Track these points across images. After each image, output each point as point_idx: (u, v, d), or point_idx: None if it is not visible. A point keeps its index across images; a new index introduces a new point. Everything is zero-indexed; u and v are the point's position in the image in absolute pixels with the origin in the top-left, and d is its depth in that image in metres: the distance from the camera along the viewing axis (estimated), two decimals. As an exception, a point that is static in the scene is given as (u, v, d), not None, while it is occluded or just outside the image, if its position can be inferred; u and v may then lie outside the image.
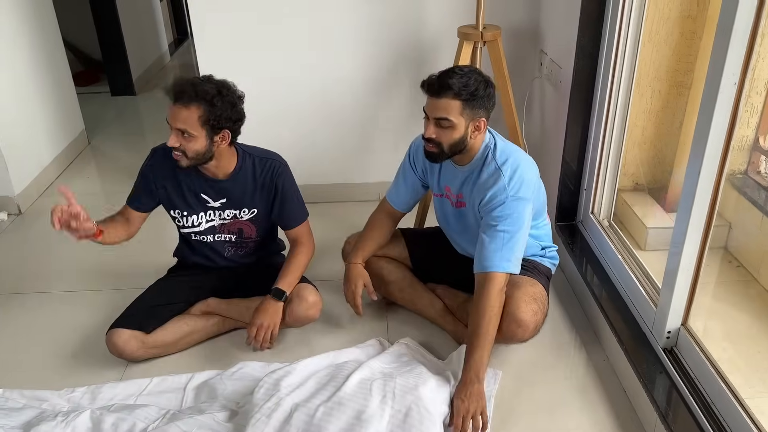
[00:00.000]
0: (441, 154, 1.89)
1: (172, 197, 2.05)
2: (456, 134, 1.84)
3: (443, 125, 1.82)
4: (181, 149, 1.85)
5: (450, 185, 2.04)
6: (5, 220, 3.06)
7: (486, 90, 1.82)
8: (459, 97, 1.79)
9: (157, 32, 6.00)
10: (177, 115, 1.82)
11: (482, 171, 1.91)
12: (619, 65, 2.13)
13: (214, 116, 1.83)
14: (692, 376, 1.68)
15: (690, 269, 1.69)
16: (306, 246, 2.13)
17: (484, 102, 1.82)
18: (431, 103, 1.84)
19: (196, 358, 2.09)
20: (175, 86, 1.82)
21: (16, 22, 3.20)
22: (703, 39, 2.22)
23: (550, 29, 2.70)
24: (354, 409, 1.66)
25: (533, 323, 1.92)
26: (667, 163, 2.49)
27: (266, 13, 2.72)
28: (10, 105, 3.11)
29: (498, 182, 1.86)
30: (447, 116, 1.81)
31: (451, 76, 1.79)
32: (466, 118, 1.82)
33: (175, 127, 1.83)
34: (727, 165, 1.55)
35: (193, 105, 1.81)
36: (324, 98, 2.92)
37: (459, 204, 2.04)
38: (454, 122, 1.81)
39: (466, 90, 1.78)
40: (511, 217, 1.84)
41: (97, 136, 4.17)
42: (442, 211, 2.15)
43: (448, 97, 1.79)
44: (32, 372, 2.04)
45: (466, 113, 1.81)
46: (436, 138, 1.85)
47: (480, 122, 1.85)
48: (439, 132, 1.84)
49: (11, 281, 2.57)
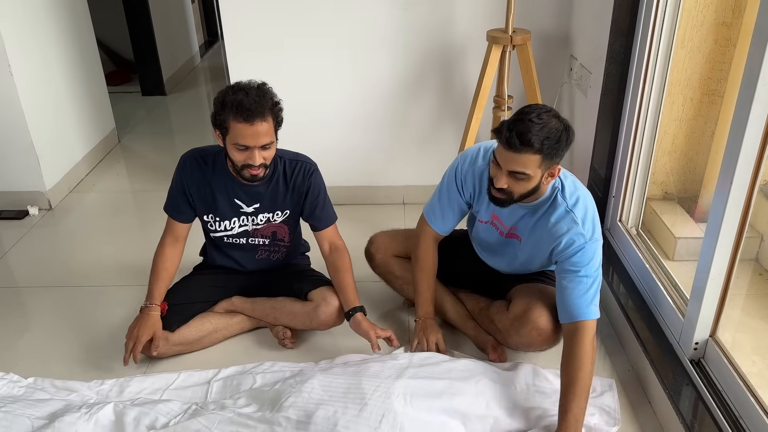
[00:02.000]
0: (510, 201, 1.79)
1: (206, 203, 2.05)
2: (530, 185, 1.72)
3: (518, 177, 1.69)
4: (264, 164, 1.86)
5: (501, 216, 1.94)
6: (36, 214, 3.12)
7: (568, 139, 1.67)
8: (540, 152, 1.64)
9: (188, 34, 6.07)
10: (259, 131, 1.79)
11: (550, 212, 1.81)
12: (651, 72, 2.10)
13: (279, 116, 1.85)
14: (719, 388, 1.65)
15: (719, 280, 1.66)
16: (343, 250, 2.12)
17: (563, 151, 1.69)
18: (507, 156, 1.67)
19: (219, 354, 2.11)
20: (245, 106, 1.76)
21: (52, 21, 3.27)
22: (738, 47, 2.18)
23: (580, 34, 2.68)
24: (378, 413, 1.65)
25: (555, 334, 1.88)
26: (697, 172, 2.45)
27: (296, 15, 2.74)
28: (44, 102, 3.17)
29: (573, 227, 1.76)
30: (524, 171, 1.67)
31: (529, 128, 1.61)
32: (543, 169, 1.69)
33: (259, 146, 1.81)
34: (760, 175, 1.52)
35: (269, 116, 1.80)
36: (351, 101, 2.93)
37: (510, 235, 1.95)
38: (531, 175, 1.68)
39: (548, 143, 1.63)
40: (591, 261, 1.76)
41: (127, 134, 4.23)
42: (483, 234, 2.05)
43: (529, 153, 1.64)
44: (59, 364, 2.07)
45: (544, 165, 1.68)
46: (508, 188, 1.73)
47: (555, 169, 1.73)
48: (512, 183, 1.71)
49: (41, 275, 2.62)
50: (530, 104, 1.71)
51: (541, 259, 1.93)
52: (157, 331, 1.98)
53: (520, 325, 1.89)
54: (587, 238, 1.76)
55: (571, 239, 1.76)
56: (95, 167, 3.69)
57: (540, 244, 1.86)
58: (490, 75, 2.53)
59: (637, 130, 2.19)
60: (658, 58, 2.07)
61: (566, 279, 1.77)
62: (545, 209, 1.82)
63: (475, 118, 2.61)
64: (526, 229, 1.89)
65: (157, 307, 2.01)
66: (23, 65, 2.96)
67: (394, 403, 1.65)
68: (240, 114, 1.76)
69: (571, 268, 1.76)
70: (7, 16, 2.85)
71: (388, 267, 2.25)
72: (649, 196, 2.32)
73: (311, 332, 2.18)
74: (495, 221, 1.97)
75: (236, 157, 1.85)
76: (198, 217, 2.10)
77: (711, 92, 2.30)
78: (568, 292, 1.76)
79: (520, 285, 2.04)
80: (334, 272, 2.10)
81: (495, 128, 1.70)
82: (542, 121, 1.63)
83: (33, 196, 3.14)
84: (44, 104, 3.17)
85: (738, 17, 2.15)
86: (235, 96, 1.78)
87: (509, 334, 1.95)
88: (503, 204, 1.81)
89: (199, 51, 6.32)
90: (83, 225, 3.06)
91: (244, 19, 2.74)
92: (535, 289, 1.97)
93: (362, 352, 2.08)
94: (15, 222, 3.05)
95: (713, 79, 2.28)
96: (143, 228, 3.07)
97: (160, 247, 2.10)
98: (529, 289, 1.99)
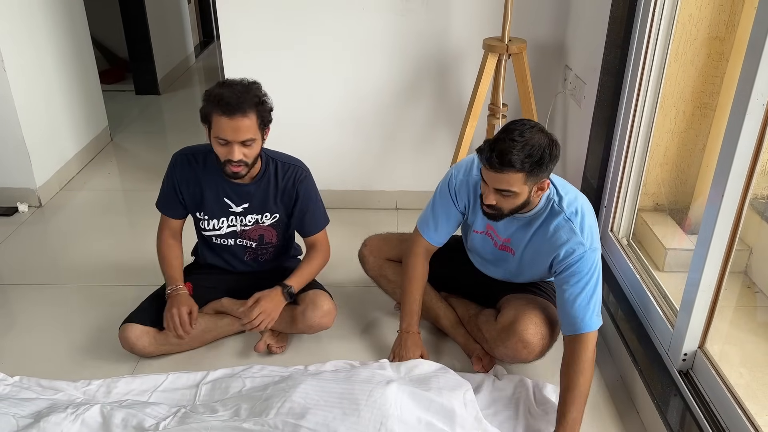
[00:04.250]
0: (501, 216, 1.79)
1: (196, 201, 2.06)
2: (518, 200, 1.72)
3: (504, 195, 1.70)
4: (244, 161, 1.85)
5: (496, 228, 1.94)
6: (26, 211, 3.10)
7: (552, 154, 1.64)
8: (522, 171, 1.63)
9: (184, 34, 6.06)
10: (239, 126, 1.78)
11: (548, 221, 1.80)
12: (645, 84, 2.11)
13: (263, 116, 1.84)
14: (707, 399, 1.66)
15: (709, 292, 1.67)
16: (321, 252, 2.13)
17: (550, 167, 1.67)
18: (491, 176, 1.68)
19: (208, 356, 2.10)
20: (226, 98, 1.76)
21: (47, 17, 3.25)
22: (731, 61, 2.20)
23: (575, 45, 2.70)
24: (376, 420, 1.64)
25: (540, 347, 1.88)
26: (688, 184, 2.47)
27: (292, 18, 2.74)
28: (37, 98, 3.15)
29: (573, 237, 1.75)
30: (509, 188, 1.67)
31: (510, 147, 1.60)
32: (530, 185, 1.68)
33: (238, 141, 1.80)
34: (751, 189, 1.53)
35: (251, 112, 1.79)
36: (347, 105, 2.94)
37: (504, 248, 1.95)
38: (517, 192, 1.68)
39: (530, 161, 1.62)
40: (591, 270, 1.76)
41: (119, 133, 4.22)
42: (478, 245, 2.05)
43: (511, 172, 1.63)
44: (45, 362, 2.06)
45: (531, 180, 1.67)
46: (497, 204, 1.73)
47: (543, 183, 1.71)
48: (499, 200, 1.72)
49: (29, 272, 2.60)
50: (515, 120, 1.69)
51: (539, 271, 1.92)
52: (193, 306, 2.00)
53: (506, 336, 1.89)
54: (587, 247, 1.75)
55: (571, 248, 1.75)
56: (87, 165, 3.67)
57: (538, 255, 1.85)
58: (485, 83, 2.54)
59: (630, 142, 2.20)
60: (652, 71, 2.09)
61: (567, 290, 1.76)
62: (542, 220, 1.82)
63: (469, 126, 2.61)
64: (521, 242, 1.89)
65: (183, 287, 2.03)
66: (17, 61, 2.94)
67: (390, 409, 1.65)
68: (220, 107, 1.77)
69: (572, 279, 1.76)
70: (2, 12, 2.83)
71: (381, 270, 2.24)
72: (640, 207, 2.34)
73: (299, 336, 2.18)
74: (490, 231, 1.97)
75: (218, 151, 1.85)
76: (190, 213, 2.11)
77: (703, 105, 2.32)
78: (569, 304, 1.75)
79: (510, 294, 2.04)
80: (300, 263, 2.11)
81: (478, 148, 1.69)
82: (524, 139, 1.61)
83: (23, 193, 3.12)
84: (37, 101, 3.15)
85: (731, 32, 2.18)
86: (219, 90, 1.79)
87: (495, 345, 1.94)
88: (495, 219, 1.81)
89: (194, 51, 6.31)
90: (73, 223, 3.04)
91: (240, 20, 2.74)
92: (524, 300, 1.97)
93: (350, 357, 2.08)
94: (4, 219, 3.02)
95: (706, 92, 2.29)
96: (134, 227, 3.05)
97: (161, 242, 2.12)
98: (518, 300, 1.98)
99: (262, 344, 2.08)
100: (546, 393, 1.90)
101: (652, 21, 2.03)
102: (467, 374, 1.98)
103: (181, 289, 2.03)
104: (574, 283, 1.75)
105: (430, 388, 1.80)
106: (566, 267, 1.76)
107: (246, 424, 1.63)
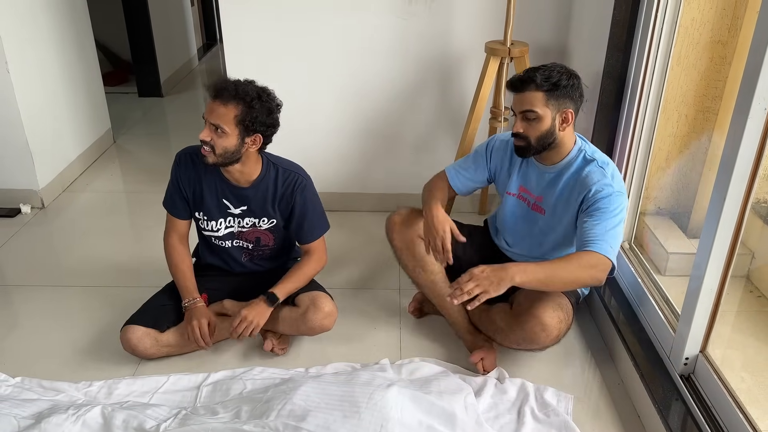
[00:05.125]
0: (529, 147, 1.89)
1: (197, 200, 2.07)
2: (543, 126, 1.84)
3: (529, 117, 1.84)
4: (211, 144, 1.87)
5: (529, 186, 2.03)
6: (28, 213, 3.10)
7: (569, 80, 1.83)
8: (541, 89, 1.80)
9: (187, 36, 6.08)
10: (214, 110, 1.84)
11: (579, 170, 1.91)
12: (647, 88, 2.11)
13: (249, 118, 1.85)
14: (709, 404, 1.65)
15: (711, 296, 1.67)
16: (316, 258, 2.12)
17: (568, 92, 1.83)
18: (516, 99, 1.86)
19: (209, 358, 2.10)
20: (217, 83, 1.86)
21: (51, 19, 3.27)
22: (733, 65, 2.20)
23: (577, 49, 2.70)
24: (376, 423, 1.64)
25: (557, 330, 1.88)
26: (690, 188, 2.47)
27: (296, 21, 2.74)
28: (40, 100, 3.16)
29: (603, 179, 1.85)
30: (531, 108, 1.82)
31: (532, 71, 1.83)
32: (552, 109, 1.83)
33: (210, 122, 1.86)
34: (753, 193, 1.53)
35: (231, 103, 1.83)
36: (349, 108, 2.94)
37: (536, 207, 2.02)
38: (540, 114, 1.82)
39: (548, 81, 1.80)
40: (617, 209, 1.83)
41: (122, 135, 4.23)
42: (509, 210, 2.10)
43: (531, 89, 1.81)
44: (47, 363, 2.06)
45: (552, 104, 1.82)
46: (523, 132, 1.86)
47: (567, 113, 1.85)
48: (526, 126, 1.86)
49: (31, 273, 2.60)
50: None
51: (567, 225, 1.96)
52: (211, 318, 2.04)
53: (524, 320, 1.89)
54: (615, 189, 1.84)
55: (602, 186, 1.84)
56: (89, 167, 3.68)
57: (568, 203, 1.92)
58: (487, 86, 2.54)
59: (632, 145, 2.20)
60: (654, 75, 2.09)
61: (588, 222, 1.83)
62: (573, 169, 1.91)
63: (471, 129, 2.62)
64: (552, 197, 1.96)
65: (199, 299, 2.06)
66: (20, 63, 2.95)
67: (390, 412, 1.64)
68: (209, 89, 1.87)
69: (596, 213, 1.83)
70: (6, 14, 2.84)
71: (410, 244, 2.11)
72: (642, 210, 2.33)
73: (300, 338, 2.18)
74: (523, 193, 2.04)
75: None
76: (192, 213, 2.11)
77: (706, 109, 2.32)
78: (588, 226, 1.82)
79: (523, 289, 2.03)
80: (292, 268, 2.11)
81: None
82: (546, 66, 1.83)
83: (26, 194, 3.13)
84: (40, 103, 3.16)
85: (734, 36, 2.18)
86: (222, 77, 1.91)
87: (511, 330, 1.94)
88: (524, 153, 1.92)
89: (197, 54, 6.33)
90: (76, 224, 3.05)
91: (243, 22, 2.74)
92: (539, 292, 1.96)
93: (350, 359, 2.08)
94: (7, 220, 3.03)
95: (708, 96, 2.29)
96: (136, 228, 3.06)
97: (169, 247, 2.12)
98: (532, 292, 1.97)
99: (269, 343, 2.09)
100: (547, 397, 1.90)
101: (654, 24, 2.03)
102: (468, 378, 1.98)
103: (198, 302, 2.05)
104: (597, 216, 1.82)
105: (431, 391, 1.80)
106: (593, 203, 1.84)
107: (247, 426, 1.62)
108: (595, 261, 1.76)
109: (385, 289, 2.48)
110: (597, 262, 1.76)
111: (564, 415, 1.82)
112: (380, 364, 2.04)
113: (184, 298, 2.06)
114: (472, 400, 1.82)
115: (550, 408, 1.85)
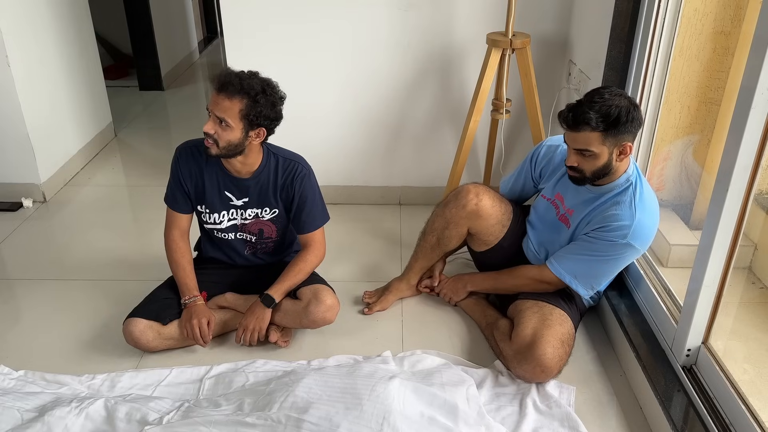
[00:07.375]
0: (584, 179, 1.84)
1: (198, 193, 2.07)
2: (599, 162, 1.77)
3: (585, 155, 1.77)
4: (214, 137, 1.87)
5: (565, 196, 1.98)
6: (30, 207, 3.11)
7: (629, 115, 1.71)
8: (597, 129, 1.71)
9: (188, 29, 6.06)
10: (219, 104, 1.83)
11: (616, 200, 1.84)
12: (649, 79, 2.11)
13: (254, 112, 1.85)
14: (711, 395, 1.65)
15: (713, 288, 1.67)
16: (314, 252, 2.11)
17: (628, 127, 1.73)
18: (569, 136, 1.77)
19: (211, 350, 2.10)
20: (221, 76, 1.85)
21: (51, 13, 3.26)
22: (736, 55, 2.19)
23: (579, 40, 2.69)
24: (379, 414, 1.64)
25: (557, 368, 1.89)
26: (693, 180, 2.46)
27: (297, 14, 2.73)
28: (41, 94, 3.16)
29: (624, 220, 1.80)
30: (587, 148, 1.74)
31: (587, 107, 1.70)
32: (610, 146, 1.74)
33: (214, 114, 1.85)
34: (755, 184, 1.53)
35: (236, 97, 1.83)
36: (351, 100, 2.93)
37: (563, 218, 1.98)
38: (596, 152, 1.75)
39: (605, 121, 1.70)
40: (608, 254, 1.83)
41: (123, 129, 4.22)
42: (540, 213, 2.10)
43: (586, 130, 1.72)
44: (50, 357, 2.06)
45: (609, 141, 1.73)
46: (578, 166, 1.80)
47: (625, 146, 1.76)
48: (581, 160, 1.79)
49: (33, 267, 2.61)
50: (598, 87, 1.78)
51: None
52: (210, 316, 2.03)
53: (524, 359, 1.88)
54: (626, 240, 1.80)
55: (617, 227, 1.81)
56: (91, 161, 3.68)
57: (588, 226, 1.90)
58: (489, 78, 2.53)
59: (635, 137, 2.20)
60: (656, 66, 2.08)
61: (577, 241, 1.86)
62: (611, 196, 1.86)
63: (473, 121, 2.61)
64: (581, 212, 1.92)
65: (199, 297, 2.06)
66: (21, 57, 2.95)
67: (393, 404, 1.65)
68: (213, 81, 1.86)
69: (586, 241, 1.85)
70: (7, 7, 2.84)
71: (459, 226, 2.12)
72: (644, 202, 2.33)
73: (302, 331, 2.18)
74: (557, 200, 2.02)
75: None
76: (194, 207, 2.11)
77: (708, 100, 2.31)
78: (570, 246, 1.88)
79: (525, 300, 2.03)
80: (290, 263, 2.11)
81: (559, 111, 1.79)
82: (603, 100, 1.70)
83: (27, 189, 3.13)
84: (41, 96, 3.16)
85: (737, 26, 2.16)
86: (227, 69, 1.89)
87: (512, 366, 1.94)
88: (580, 183, 1.88)
89: (198, 47, 6.31)
90: (77, 218, 3.05)
91: (244, 15, 2.73)
92: (539, 314, 1.95)
93: (353, 352, 2.08)
94: (8, 214, 3.03)
95: (711, 87, 2.28)
96: (138, 222, 3.06)
97: (170, 242, 2.11)
98: (534, 314, 1.96)
99: (274, 335, 2.09)
100: (549, 389, 1.90)
101: (656, 15, 2.02)
102: (470, 370, 1.98)
103: (198, 300, 2.05)
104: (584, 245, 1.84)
105: (433, 383, 1.81)
106: (596, 230, 1.83)
107: (249, 419, 1.63)
108: (549, 279, 1.92)
109: (387, 281, 2.47)
110: (550, 281, 1.93)
111: (566, 407, 1.82)
112: (382, 356, 2.04)
113: (184, 295, 2.06)
114: (474, 392, 1.82)
115: (552, 399, 1.85)
